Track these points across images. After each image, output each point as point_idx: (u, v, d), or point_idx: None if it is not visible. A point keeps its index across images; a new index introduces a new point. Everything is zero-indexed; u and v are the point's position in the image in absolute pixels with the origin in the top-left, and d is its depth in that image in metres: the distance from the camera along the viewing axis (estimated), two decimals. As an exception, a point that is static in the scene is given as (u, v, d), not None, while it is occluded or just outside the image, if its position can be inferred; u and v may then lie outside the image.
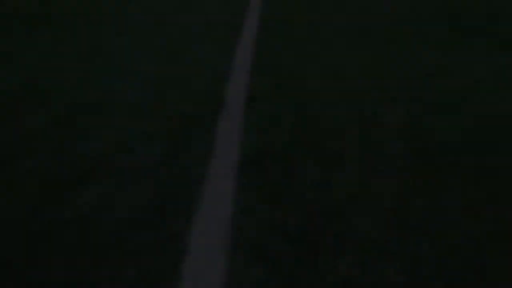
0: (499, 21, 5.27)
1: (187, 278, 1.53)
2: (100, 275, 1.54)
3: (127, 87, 3.27)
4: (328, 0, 6.68)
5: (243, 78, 3.42)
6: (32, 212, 1.88)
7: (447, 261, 1.62)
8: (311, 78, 3.43)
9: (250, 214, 1.88)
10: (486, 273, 1.56)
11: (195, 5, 6.31)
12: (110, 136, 2.53)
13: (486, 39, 4.56)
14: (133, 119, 2.75)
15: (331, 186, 2.08)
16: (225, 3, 6.47)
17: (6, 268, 1.57)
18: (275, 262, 1.61)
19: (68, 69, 3.65)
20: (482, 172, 2.20)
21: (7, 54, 4.05)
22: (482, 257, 1.64)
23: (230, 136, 2.53)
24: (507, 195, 2.01)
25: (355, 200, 1.98)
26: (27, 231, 1.76)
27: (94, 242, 1.71)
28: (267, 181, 2.11)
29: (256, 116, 2.79)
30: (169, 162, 2.26)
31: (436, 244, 1.70)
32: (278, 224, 1.81)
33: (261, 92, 3.16)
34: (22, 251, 1.66)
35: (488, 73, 3.58)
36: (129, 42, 4.43)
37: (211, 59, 3.90)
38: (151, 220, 1.84)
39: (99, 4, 6.32)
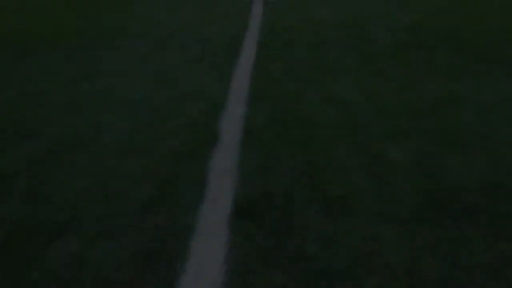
0: (500, 46, 5.09)
1: None
2: None
3: (116, 118, 3.07)
4: (328, 25, 6.53)
5: (240, 109, 3.22)
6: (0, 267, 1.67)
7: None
8: (313, 109, 3.23)
9: (244, 275, 1.65)
10: None
11: (195, 27, 6.16)
12: (93, 178, 2.32)
13: (490, 65, 4.36)
14: (120, 157, 2.54)
15: (335, 240, 1.86)
16: (224, 24, 6.31)
17: None
18: None
19: (55, 97, 3.45)
20: (504, 221, 1.98)
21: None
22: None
23: (223, 179, 2.31)
24: (532, 251, 1.79)
25: (361, 257, 1.76)
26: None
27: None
28: (263, 234, 1.89)
29: (253, 154, 2.57)
30: (155, 210, 2.05)
31: (456, 316, 1.48)
32: (275, 288, 1.59)
33: (258, 125, 2.95)
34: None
35: (497, 101, 3.37)
36: (124, 67, 4.24)
37: (207, 87, 3.70)
38: (130, 282, 1.62)
39: (95, 26, 6.16)
